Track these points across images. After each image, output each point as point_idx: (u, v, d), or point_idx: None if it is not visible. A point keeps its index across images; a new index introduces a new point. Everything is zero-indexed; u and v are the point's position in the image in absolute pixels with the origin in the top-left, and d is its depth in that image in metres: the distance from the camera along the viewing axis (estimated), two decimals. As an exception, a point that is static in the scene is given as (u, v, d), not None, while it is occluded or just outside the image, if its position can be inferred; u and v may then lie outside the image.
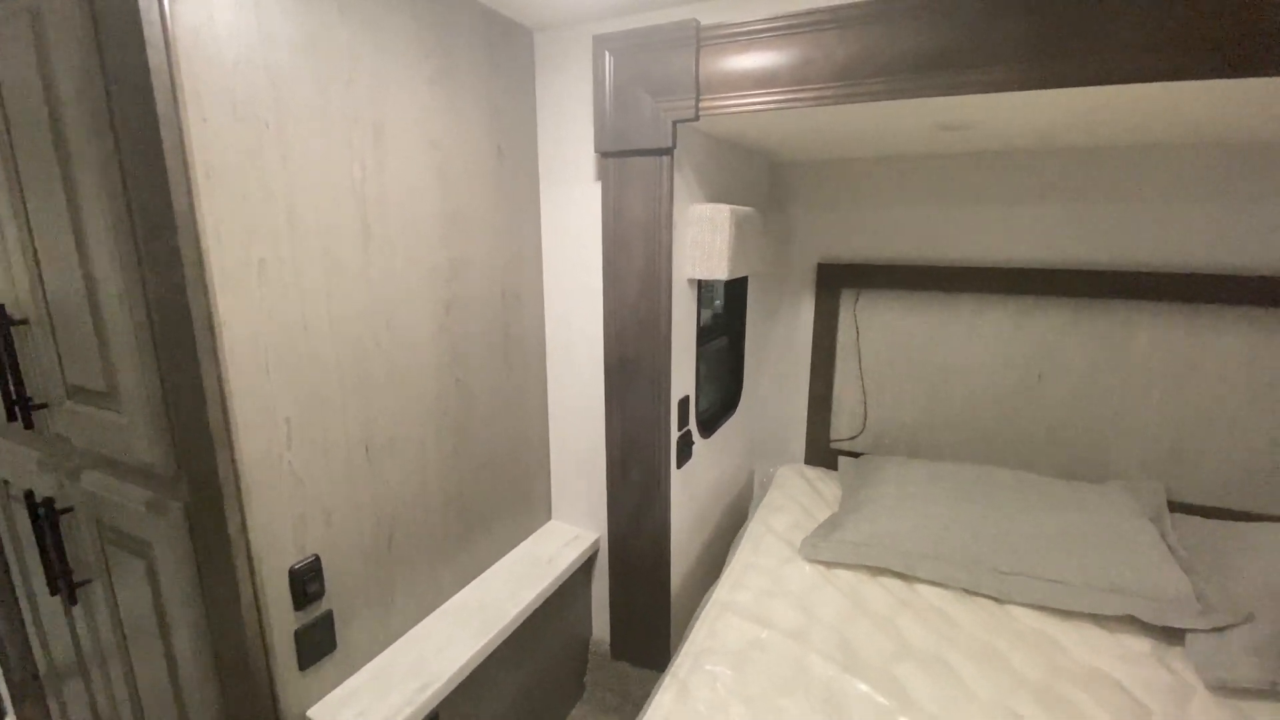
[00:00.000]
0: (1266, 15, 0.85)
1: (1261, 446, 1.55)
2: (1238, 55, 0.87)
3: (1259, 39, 0.86)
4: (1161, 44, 0.91)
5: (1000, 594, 1.30)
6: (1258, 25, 0.86)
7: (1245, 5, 0.86)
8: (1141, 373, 1.63)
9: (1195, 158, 1.50)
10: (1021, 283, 1.69)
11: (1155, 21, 0.91)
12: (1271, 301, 1.47)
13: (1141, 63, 0.93)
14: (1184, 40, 0.90)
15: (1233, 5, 0.87)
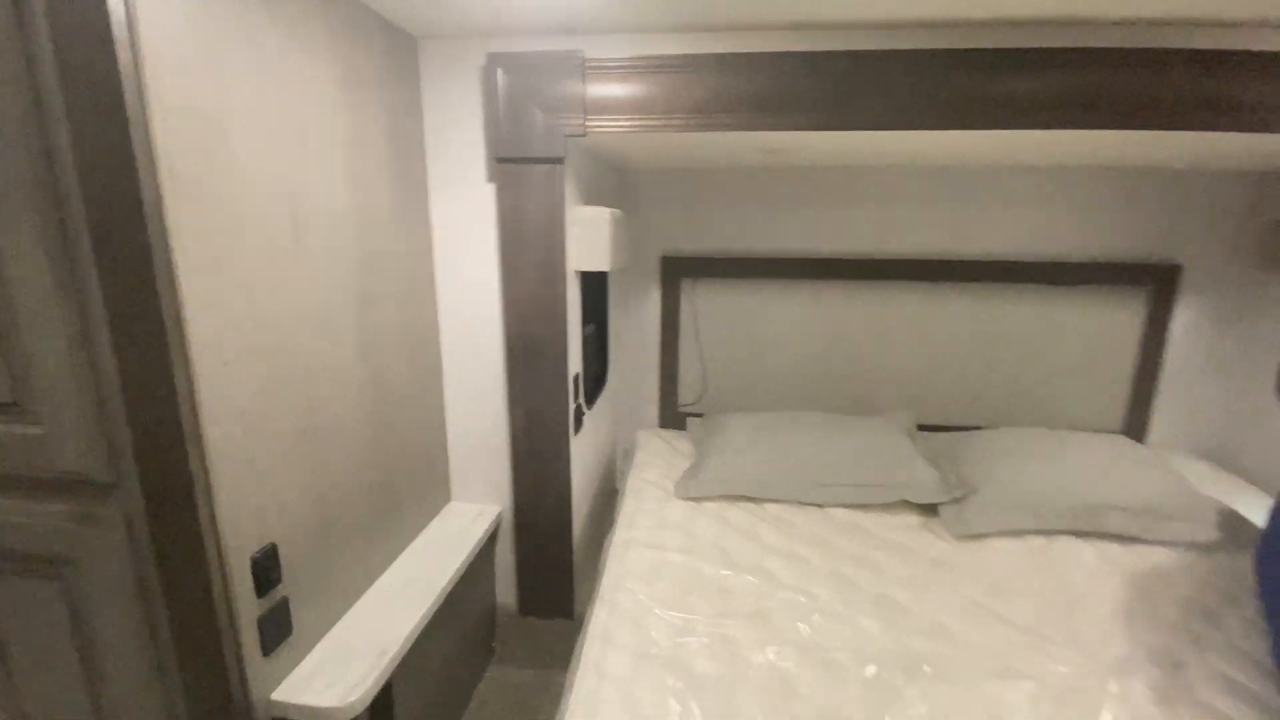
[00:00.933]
0: (971, 87, 1.34)
1: (976, 382, 2.25)
2: (953, 115, 1.36)
3: (965, 104, 1.35)
4: (905, 105, 1.37)
5: (822, 501, 1.76)
6: (965, 94, 1.35)
7: (955, 82, 1.34)
8: (896, 334, 2.25)
9: (934, 176, 2.12)
10: (818, 269, 2.20)
11: (904, 90, 1.36)
12: (983, 278, 2.15)
13: (896, 116, 1.38)
14: (919, 103, 1.36)
15: (947, 82, 1.34)
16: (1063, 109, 1.33)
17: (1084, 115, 1.33)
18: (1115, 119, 1.33)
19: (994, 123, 1.34)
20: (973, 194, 2.14)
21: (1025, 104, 1.33)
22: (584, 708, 1.04)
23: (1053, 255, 2.15)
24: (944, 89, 1.34)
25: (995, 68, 1.33)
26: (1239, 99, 1.29)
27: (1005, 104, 1.34)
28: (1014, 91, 1.33)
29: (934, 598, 1.35)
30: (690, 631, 1.24)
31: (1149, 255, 2.12)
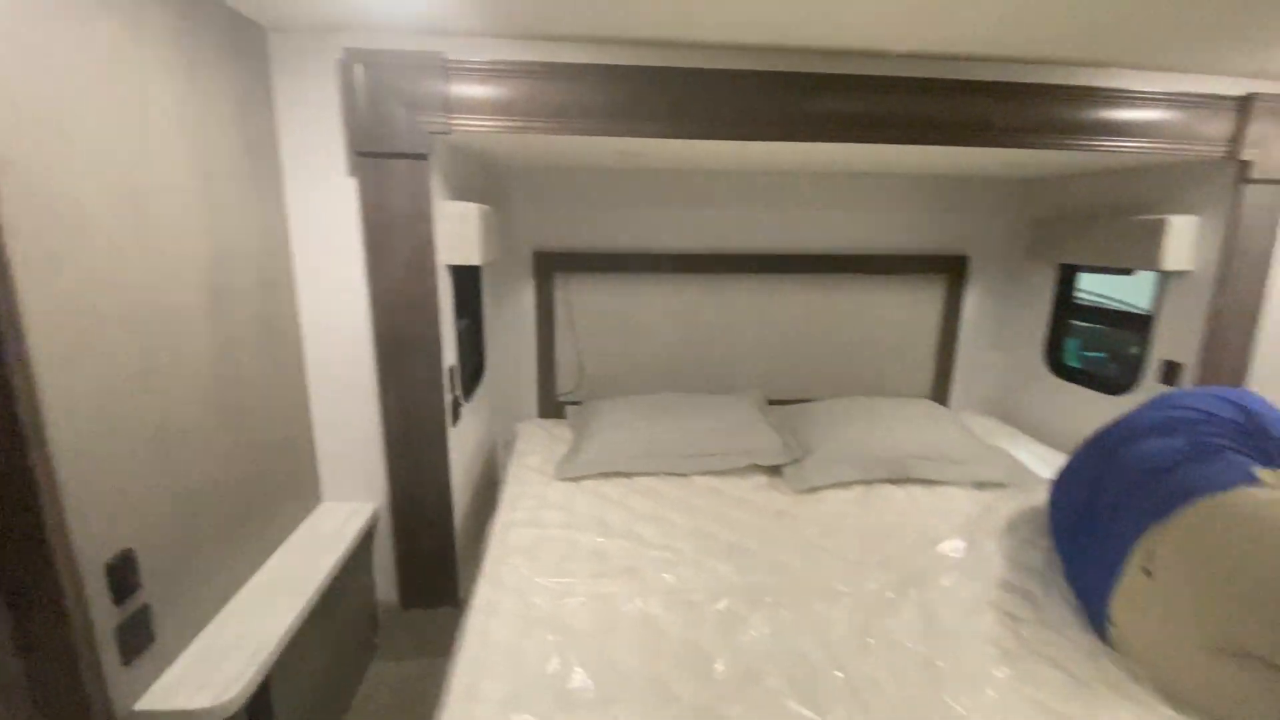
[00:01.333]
0: (791, 105, 1.57)
1: (815, 361, 2.57)
2: (776, 129, 1.58)
3: (787, 119, 1.57)
4: (737, 118, 1.57)
5: (686, 470, 1.95)
6: (786, 110, 1.57)
7: (779, 100, 1.56)
8: (747, 321, 2.51)
9: (776, 181, 2.38)
10: (679, 264, 2.40)
11: (736, 105, 1.56)
12: (816, 270, 2.46)
13: (728, 128, 1.57)
14: (748, 117, 1.57)
15: (772, 100, 1.56)
16: (864, 127, 1.60)
17: (880, 132, 1.61)
18: (903, 136, 1.62)
19: (809, 136, 1.58)
20: (807, 197, 2.44)
21: (835, 121, 1.58)
22: (468, 672, 1.12)
23: (870, 249, 2.51)
24: (769, 106, 1.56)
25: (813, 90, 1.57)
26: (990, 120, 1.63)
27: (819, 121, 1.58)
28: (825, 110, 1.58)
29: (776, 542, 1.58)
30: (570, 594, 1.36)
31: (944, 248, 2.55)
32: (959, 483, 1.91)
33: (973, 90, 1.61)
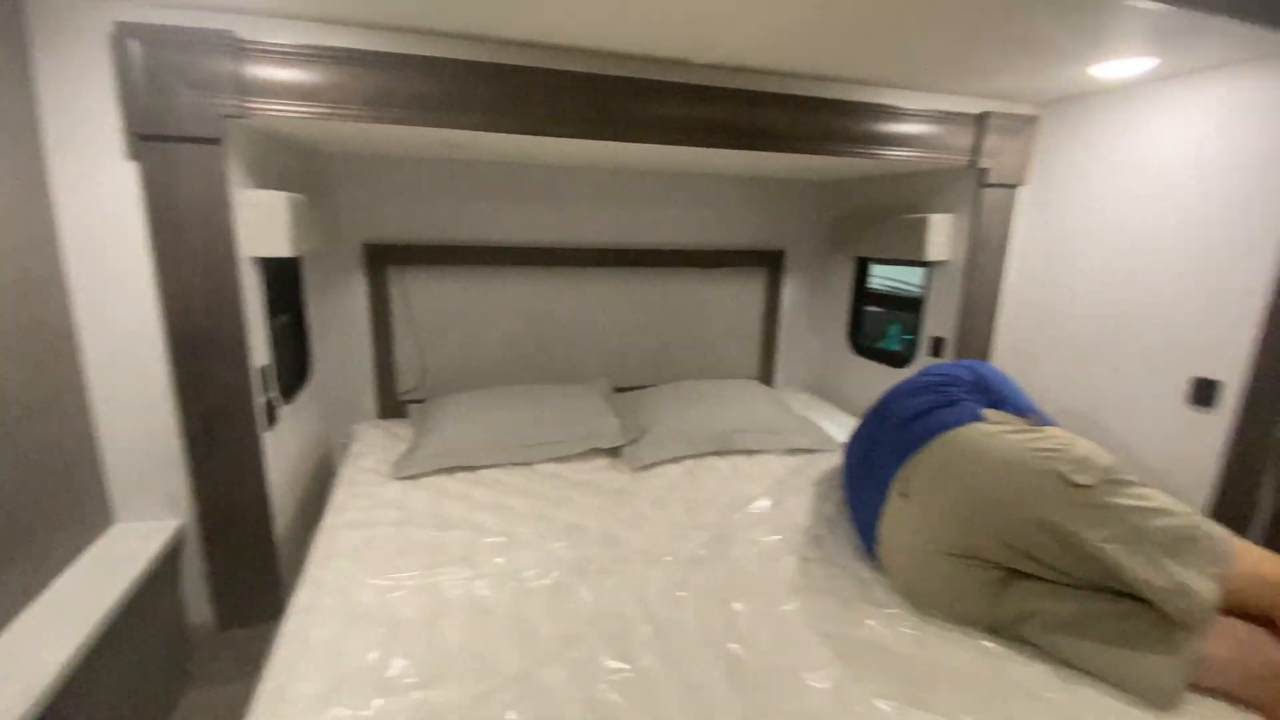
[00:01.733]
0: (598, 106, 1.66)
1: (656, 349, 2.72)
2: (589, 127, 1.66)
3: (599, 120, 1.66)
4: (558, 115, 1.63)
5: (530, 459, 1.99)
6: (596, 112, 1.66)
7: (590, 101, 1.64)
8: (592, 312, 2.60)
9: (617, 178, 2.48)
10: (522, 256, 2.42)
11: (555, 102, 1.62)
12: (653, 263, 2.59)
13: (549, 124, 1.63)
14: (562, 116, 1.64)
15: (580, 100, 1.64)
16: (666, 130, 1.72)
17: (680, 135, 1.74)
18: (702, 140, 1.77)
19: (617, 136, 1.68)
20: (646, 195, 2.58)
21: (641, 123, 1.70)
22: (279, 675, 1.08)
23: (702, 244, 2.71)
24: (582, 105, 1.64)
25: (623, 92, 1.67)
26: (778, 129, 1.83)
27: (627, 122, 1.69)
28: (633, 113, 1.69)
29: (611, 517, 1.68)
30: (398, 588, 1.35)
31: (764, 243, 2.81)
32: (775, 450, 2.13)
33: (764, 101, 1.79)
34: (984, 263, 2.16)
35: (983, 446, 1.29)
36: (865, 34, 1.47)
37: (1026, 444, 1.23)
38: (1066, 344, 2.07)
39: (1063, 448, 1.20)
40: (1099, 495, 1.12)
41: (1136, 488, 1.14)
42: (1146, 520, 1.08)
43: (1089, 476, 1.14)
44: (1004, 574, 1.21)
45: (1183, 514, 1.10)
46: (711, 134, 1.76)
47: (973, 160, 2.04)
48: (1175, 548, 1.05)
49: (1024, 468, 1.19)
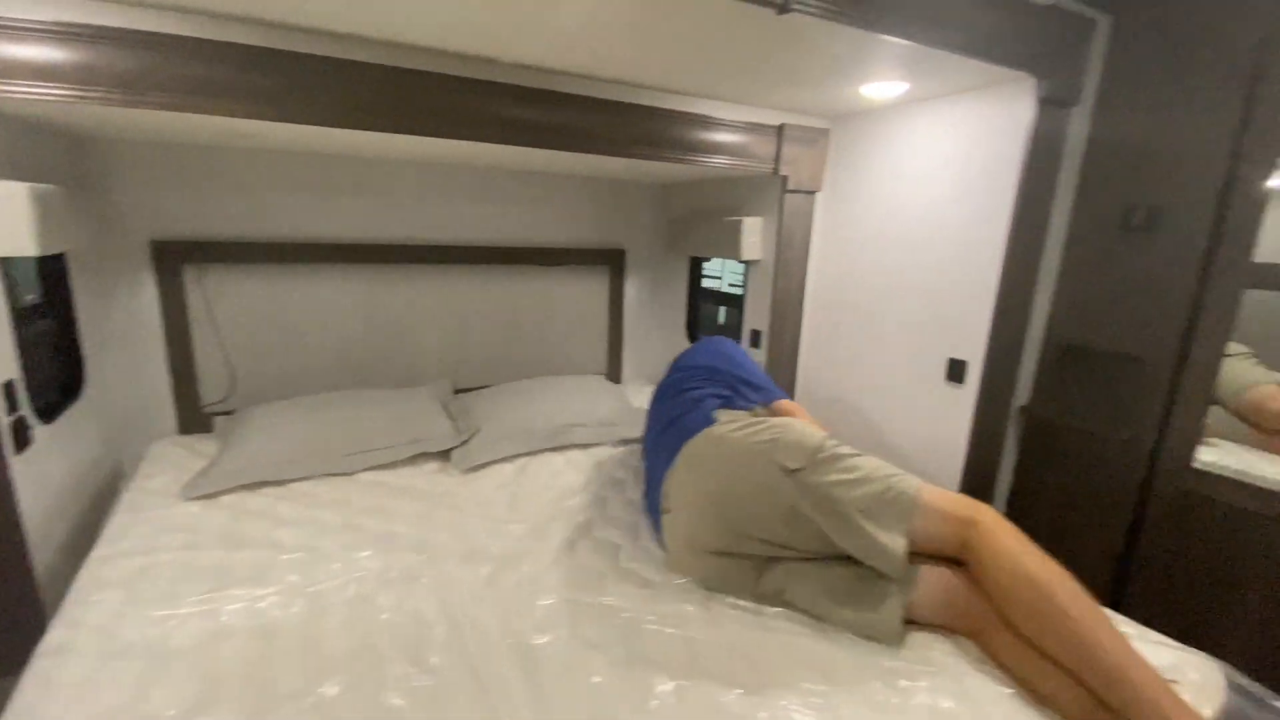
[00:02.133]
0: (399, 99, 1.61)
1: (501, 348, 2.69)
2: (387, 120, 1.61)
3: (397, 113, 1.62)
4: (353, 107, 1.57)
5: (349, 469, 1.90)
6: (396, 105, 1.61)
7: (397, 95, 1.60)
8: (431, 311, 2.53)
9: (449, 173, 2.42)
10: (356, 253, 2.30)
11: (350, 93, 1.56)
12: (494, 260, 2.56)
13: (343, 116, 1.56)
14: (362, 106, 1.58)
15: (378, 93, 1.59)
16: (471, 125, 1.70)
17: (485, 131, 1.72)
18: (508, 137, 1.77)
19: (416, 130, 1.64)
20: (486, 191, 2.54)
21: (441, 117, 1.67)
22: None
23: (545, 242, 2.73)
24: (381, 98, 1.59)
25: (424, 86, 1.63)
26: (579, 128, 1.88)
27: (427, 115, 1.65)
28: (433, 106, 1.65)
29: (429, 522, 1.65)
30: (172, 618, 1.24)
31: (606, 242, 2.88)
32: (608, 443, 2.20)
33: (569, 103, 1.81)
34: (790, 262, 2.37)
35: (714, 453, 1.41)
36: (644, 42, 1.55)
37: (749, 440, 1.37)
38: (856, 333, 2.33)
39: (777, 437, 1.35)
40: (807, 476, 1.26)
41: (845, 461, 1.29)
42: (848, 491, 1.23)
43: (799, 460, 1.28)
44: (761, 559, 1.34)
45: (879, 479, 1.25)
46: (517, 132, 1.77)
47: (775, 168, 2.23)
48: (873, 512, 1.21)
49: (749, 465, 1.32)
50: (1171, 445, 1.82)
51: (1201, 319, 1.74)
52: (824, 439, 1.35)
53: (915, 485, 1.25)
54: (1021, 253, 1.83)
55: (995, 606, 1.13)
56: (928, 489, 1.26)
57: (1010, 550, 1.09)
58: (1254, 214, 1.62)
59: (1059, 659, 1.01)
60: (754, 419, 1.44)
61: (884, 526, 1.19)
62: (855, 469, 1.27)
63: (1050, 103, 1.71)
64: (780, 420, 1.44)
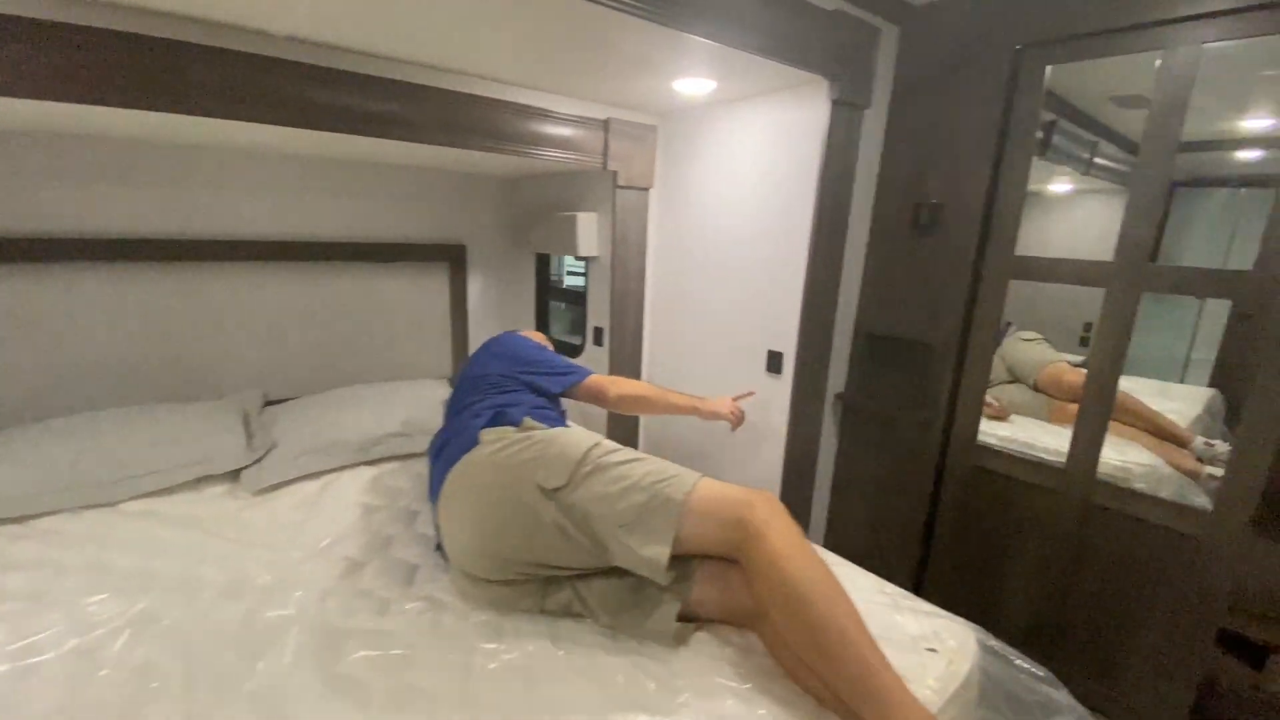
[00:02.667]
0: (155, 72, 1.40)
1: (324, 353, 2.46)
2: (140, 96, 1.40)
3: (154, 88, 1.41)
4: (82, 78, 1.34)
5: (109, 499, 1.64)
6: (150, 78, 1.40)
7: (144, 65, 1.38)
8: (240, 314, 2.26)
9: (264, 164, 2.17)
10: (127, 250, 1.99)
11: (60, 60, 1.32)
12: (314, 257, 2.34)
13: (67, 89, 1.33)
14: (99, 80, 1.35)
15: (130, 63, 1.37)
16: (237, 101, 1.52)
17: (258, 110, 1.54)
18: (295, 120, 1.60)
19: (175, 108, 1.44)
20: (302, 182, 2.31)
21: (205, 92, 1.48)
22: None
23: (374, 237, 2.53)
24: (133, 69, 1.37)
25: (182, 59, 1.43)
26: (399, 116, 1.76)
27: (188, 91, 1.45)
28: (195, 81, 1.46)
29: (198, 556, 1.44)
30: None
31: (445, 238, 2.73)
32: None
33: (342, 81, 1.65)
34: (627, 259, 2.35)
35: (474, 484, 1.31)
36: (441, 21, 1.45)
37: (510, 461, 1.29)
38: (692, 329, 2.35)
39: (539, 454, 1.27)
40: (568, 494, 1.21)
41: (611, 471, 1.23)
42: (611, 506, 1.19)
43: (560, 477, 1.22)
44: (543, 580, 1.28)
45: (647, 487, 1.20)
46: (315, 116, 1.61)
47: (604, 163, 2.19)
48: (636, 524, 1.17)
49: (510, 489, 1.25)
50: (960, 424, 1.98)
51: (977, 309, 1.90)
52: (590, 448, 1.28)
53: (687, 488, 1.20)
54: (825, 249, 1.91)
55: (761, 609, 1.14)
56: (702, 491, 1.21)
57: (774, 557, 1.08)
58: (1014, 212, 1.79)
59: (811, 665, 1.04)
60: (521, 434, 1.35)
61: (647, 538, 1.16)
62: (622, 478, 1.22)
63: (843, 105, 1.80)
64: (547, 434, 1.34)
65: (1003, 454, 1.92)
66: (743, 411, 1.96)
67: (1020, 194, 1.77)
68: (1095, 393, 1.68)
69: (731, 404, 1.94)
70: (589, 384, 1.79)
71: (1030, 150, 1.74)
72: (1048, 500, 1.81)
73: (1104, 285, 1.64)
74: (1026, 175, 1.76)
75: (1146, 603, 1.66)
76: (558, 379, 1.74)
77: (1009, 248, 1.81)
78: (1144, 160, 1.54)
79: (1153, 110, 1.52)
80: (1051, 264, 1.76)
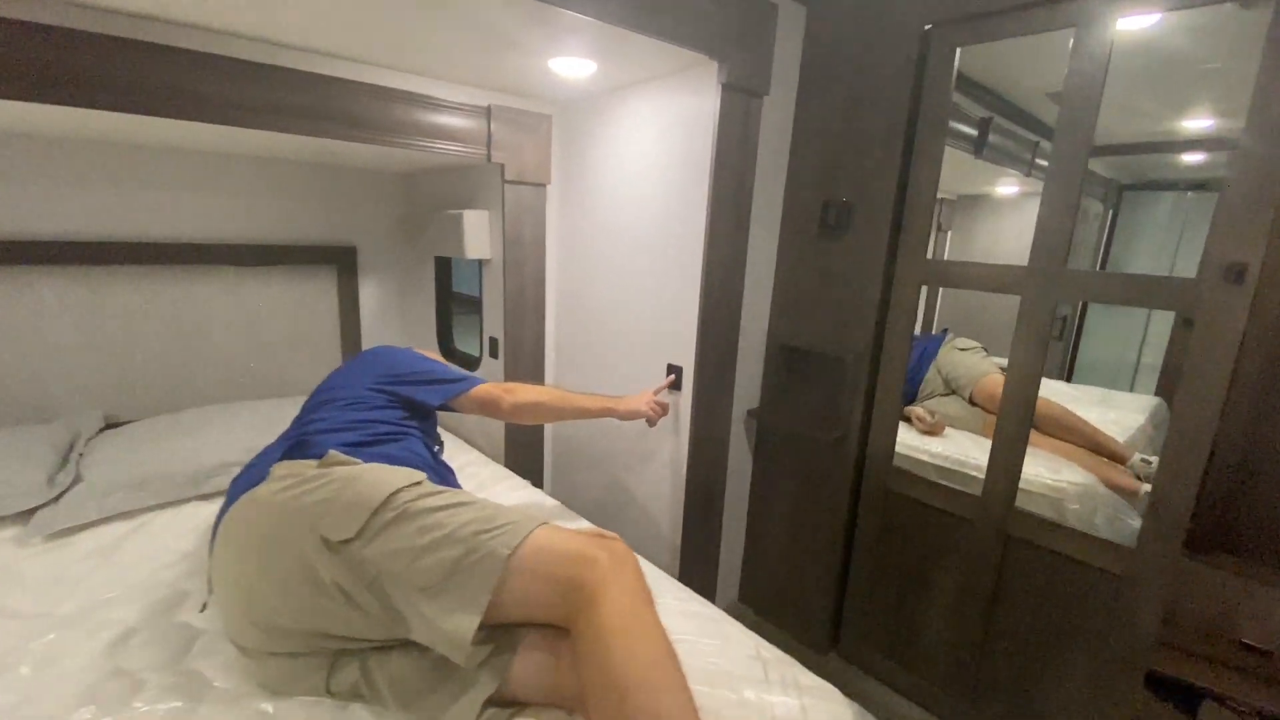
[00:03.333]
0: None
1: (186, 368, 2.18)
2: None
3: None
4: None
5: None
6: None
7: None
8: (75, 325, 1.97)
9: (91, 150, 1.90)
10: None
11: None
12: (173, 260, 2.08)
13: None
14: None
15: None
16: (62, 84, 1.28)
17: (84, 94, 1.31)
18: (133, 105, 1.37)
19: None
20: (156, 177, 2.04)
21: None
22: None
23: (249, 239, 2.26)
24: None
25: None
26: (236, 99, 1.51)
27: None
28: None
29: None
30: None
31: (333, 239, 2.47)
32: (289, 482, 1.82)
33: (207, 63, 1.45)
34: (521, 261, 2.13)
35: (245, 531, 1.07)
36: None
37: (295, 503, 1.04)
38: (595, 340, 2.14)
39: (331, 497, 1.03)
40: (359, 548, 0.98)
41: (421, 519, 1.01)
42: (412, 563, 0.96)
43: (350, 527, 0.99)
44: (334, 652, 1.05)
45: (464, 539, 0.98)
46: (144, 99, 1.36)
47: (488, 154, 1.97)
48: (441, 587, 0.95)
49: (286, 539, 1.01)
50: (874, 443, 1.80)
51: (889, 317, 1.72)
52: (399, 490, 1.04)
53: (516, 541, 0.98)
54: (725, 251, 1.71)
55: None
56: (537, 543, 0.99)
57: (600, 632, 0.87)
58: (925, 212, 1.62)
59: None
60: (318, 471, 1.10)
61: (452, 606, 0.94)
62: (433, 529, 0.99)
63: (735, 90, 1.60)
64: (351, 471, 1.09)
65: (920, 479, 1.74)
66: (665, 405, 1.76)
67: (932, 192, 1.59)
68: (1011, 409, 1.51)
69: (650, 398, 1.73)
70: (478, 394, 1.52)
71: (940, 143, 1.56)
72: (965, 529, 1.63)
73: (1017, 292, 1.47)
74: (938, 172, 1.58)
75: (1068, 642, 1.49)
76: (438, 389, 1.48)
77: (920, 250, 1.63)
78: (1057, 154, 1.37)
79: (1065, 96, 1.35)
80: (963, 268, 1.59)
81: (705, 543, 1.95)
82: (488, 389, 1.54)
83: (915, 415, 2.09)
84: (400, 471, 1.10)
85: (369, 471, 1.08)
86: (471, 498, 1.10)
